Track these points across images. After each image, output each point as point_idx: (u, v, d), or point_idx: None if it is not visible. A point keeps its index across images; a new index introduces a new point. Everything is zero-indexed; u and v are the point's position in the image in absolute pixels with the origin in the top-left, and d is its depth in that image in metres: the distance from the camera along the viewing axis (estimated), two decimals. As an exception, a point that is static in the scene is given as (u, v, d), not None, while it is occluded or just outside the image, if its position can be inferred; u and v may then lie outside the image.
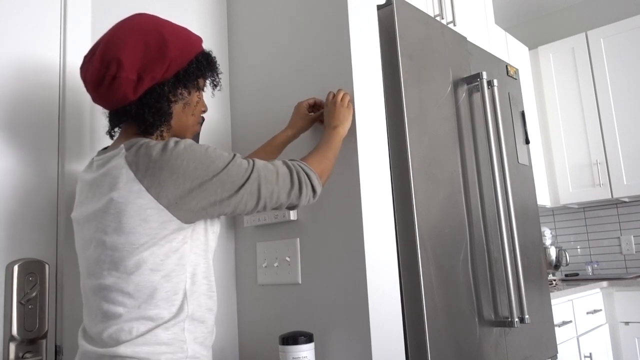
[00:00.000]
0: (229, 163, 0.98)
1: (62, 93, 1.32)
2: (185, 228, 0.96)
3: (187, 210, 0.94)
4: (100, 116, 1.42)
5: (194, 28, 1.71)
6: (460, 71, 1.77)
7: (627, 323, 2.80)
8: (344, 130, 1.27)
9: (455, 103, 1.71)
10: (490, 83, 1.81)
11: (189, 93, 1.07)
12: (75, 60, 1.35)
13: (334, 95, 1.32)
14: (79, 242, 1.03)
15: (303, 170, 1.09)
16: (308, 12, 1.51)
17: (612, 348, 2.84)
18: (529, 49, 3.54)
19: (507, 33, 3.08)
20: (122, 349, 0.90)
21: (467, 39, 1.87)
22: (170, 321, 0.94)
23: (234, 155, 1.01)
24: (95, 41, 1.03)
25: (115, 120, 1.06)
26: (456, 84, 1.74)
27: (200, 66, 1.06)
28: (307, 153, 1.11)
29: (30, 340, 1.16)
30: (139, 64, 0.97)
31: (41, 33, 1.30)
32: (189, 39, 1.05)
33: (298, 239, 1.44)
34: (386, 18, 1.53)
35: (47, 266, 1.21)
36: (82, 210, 1.02)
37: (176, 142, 0.94)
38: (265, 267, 1.51)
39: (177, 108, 1.06)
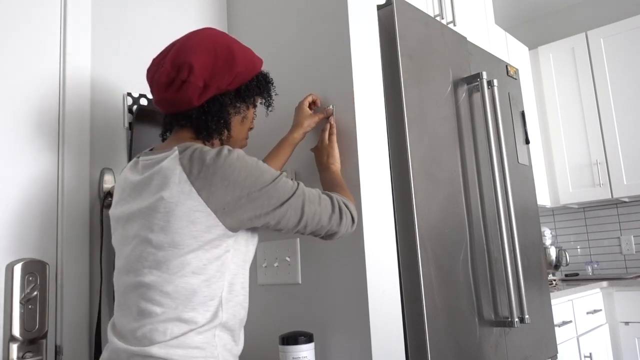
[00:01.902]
0: (276, 178, 1.00)
1: (62, 94, 1.32)
2: (230, 236, 0.98)
3: (233, 218, 0.96)
4: (100, 116, 1.42)
5: (194, 29, 1.71)
6: (460, 71, 1.77)
7: (627, 323, 2.80)
8: (340, 167, 1.33)
9: (455, 103, 1.71)
10: (490, 83, 1.81)
11: (247, 108, 1.13)
12: (76, 61, 1.35)
13: (329, 134, 1.34)
14: (117, 238, 1.04)
15: (342, 199, 1.12)
16: (308, 12, 1.51)
17: (612, 348, 2.84)
18: (529, 49, 3.54)
19: (507, 33, 3.08)
20: (156, 350, 0.91)
21: (467, 39, 1.87)
22: (204, 326, 0.95)
23: (282, 172, 1.05)
24: (165, 47, 1.08)
25: (172, 123, 1.09)
26: (456, 84, 1.74)
27: (259, 84, 1.13)
28: (328, 191, 1.16)
29: (31, 340, 1.16)
30: (208, 72, 1.02)
31: (42, 39, 1.30)
32: (253, 58, 1.11)
33: (298, 239, 1.44)
34: (386, 18, 1.53)
35: (47, 266, 1.21)
36: (125, 208, 1.03)
37: (229, 150, 0.96)
38: (265, 267, 1.51)
39: (235, 120, 1.11)
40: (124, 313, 0.98)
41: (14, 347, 1.13)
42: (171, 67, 1.02)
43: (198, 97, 1.02)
